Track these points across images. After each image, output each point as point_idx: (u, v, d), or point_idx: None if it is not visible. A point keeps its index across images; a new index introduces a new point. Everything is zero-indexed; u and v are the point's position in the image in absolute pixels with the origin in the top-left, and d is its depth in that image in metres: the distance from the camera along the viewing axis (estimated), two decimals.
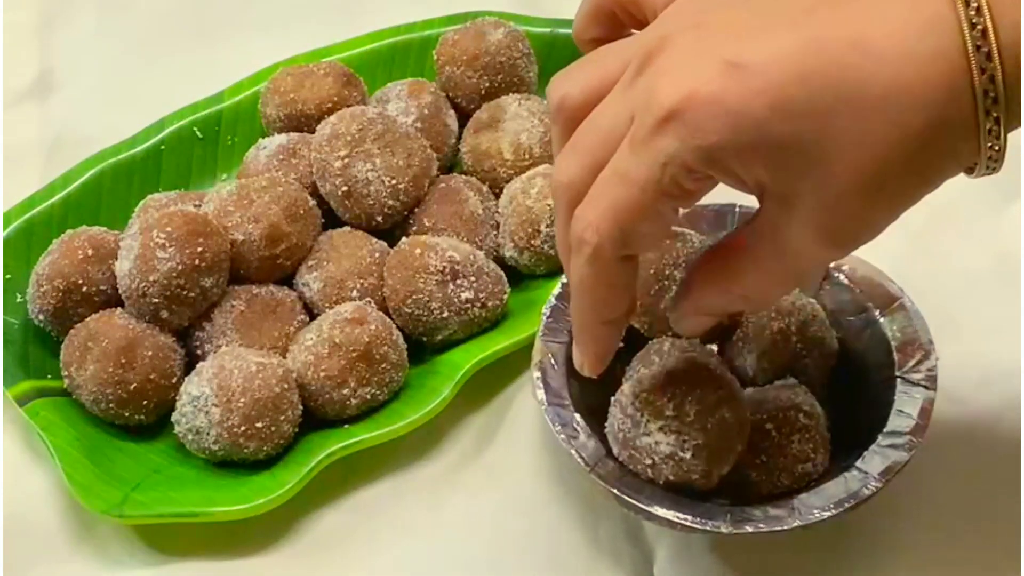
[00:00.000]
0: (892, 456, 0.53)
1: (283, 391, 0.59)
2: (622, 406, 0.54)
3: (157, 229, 0.60)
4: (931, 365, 0.56)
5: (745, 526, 0.52)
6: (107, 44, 0.84)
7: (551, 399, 0.56)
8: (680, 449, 0.52)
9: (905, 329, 0.57)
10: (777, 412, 0.54)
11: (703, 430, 0.52)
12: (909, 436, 0.53)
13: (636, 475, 0.54)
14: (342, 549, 0.59)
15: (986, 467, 0.59)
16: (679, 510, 0.52)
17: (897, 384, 0.55)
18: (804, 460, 0.54)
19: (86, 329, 0.62)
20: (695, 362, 0.53)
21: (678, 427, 0.52)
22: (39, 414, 0.61)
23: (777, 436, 0.54)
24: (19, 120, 0.79)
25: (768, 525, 0.52)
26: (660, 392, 0.52)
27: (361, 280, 0.64)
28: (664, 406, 0.52)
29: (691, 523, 0.52)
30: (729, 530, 0.51)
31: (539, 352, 0.58)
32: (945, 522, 0.57)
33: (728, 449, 0.53)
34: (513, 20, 0.75)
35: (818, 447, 0.55)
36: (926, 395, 0.55)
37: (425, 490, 0.60)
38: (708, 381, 0.52)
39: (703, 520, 0.52)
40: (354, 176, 0.65)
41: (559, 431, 0.55)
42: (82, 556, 0.59)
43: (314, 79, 0.70)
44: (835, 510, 0.52)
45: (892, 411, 0.54)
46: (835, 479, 0.53)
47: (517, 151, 0.69)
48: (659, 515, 0.52)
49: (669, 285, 0.58)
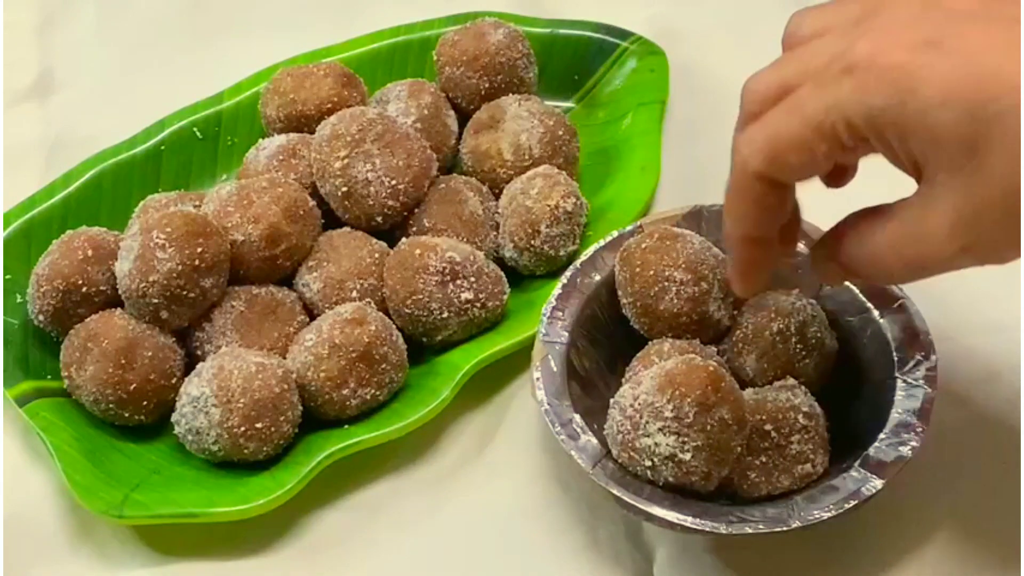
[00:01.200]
0: (892, 456, 0.53)
1: (283, 391, 0.59)
2: (621, 407, 0.54)
3: (157, 229, 0.60)
4: (931, 365, 0.56)
5: (744, 527, 0.52)
6: (107, 44, 0.84)
7: (551, 399, 0.56)
8: (679, 450, 0.52)
9: (906, 329, 0.57)
10: (776, 413, 0.54)
11: (702, 431, 0.52)
12: (909, 436, 0.53)
13: (636, 476, 0.54)
14: (342, 549, 0.59)
15: (986, 466, 0.59)
16: (678, 511, 0.52)
17: (897, 384, 0.55)
18: (804, 461, 0.54)
19: (86, 329, 0.62)
20: (694, 363, 0.53)
21: (677, 428, 0.52)
22: (39, 414, 0.61)
23: (776, 437, 0.54)
24: (19, 120, 0.79)
25: (767, 526, 0.52)
26: (659, 393, 0.52)
27: (361, 280, 0.64)
28: (663, 407, 0.52)
29: (690, 524, 0.52)
30: (728, 531, 0.51)
31: (539, 352, 0.58)
32: (946, 521, 0.57)
33: (727, 450, 0.53)
34: (513, 20, 0.75)
35: (818, 448, 0.55)
36: (926, 395, 0.55)
37: (425, 490, 0.60)
38: (709, 382, 0.52)
39: (702, 521, 0.52)
40: (354, 176, 0.65)
41: (559, 431, 0.55)
42: (82, 556, 0.59)
43: (314, 79, 0.70)
44: (835, 511, 0.52)
45: (892, 411, 0.54)
46: (835, 480, 0.53)
47: (517, 151, 0.69)
48: (658, 516, 0.52)
49: (669, 286, 0.58)
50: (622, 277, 0.60)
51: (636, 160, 0.71)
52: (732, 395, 0.53)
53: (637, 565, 0.57)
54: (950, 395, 0.57)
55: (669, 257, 0.58)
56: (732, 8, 0.83)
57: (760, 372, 0.58)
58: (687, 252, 0.59)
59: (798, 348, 0.57)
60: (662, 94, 0.74)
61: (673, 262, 0.58)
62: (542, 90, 0.74)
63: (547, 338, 0.58)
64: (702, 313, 0.59)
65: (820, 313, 0.58)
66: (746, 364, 0.58)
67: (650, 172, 0.70)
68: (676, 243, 0.59)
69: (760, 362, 0.58)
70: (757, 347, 0.58)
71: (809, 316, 0.58)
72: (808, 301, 0.59)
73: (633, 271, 0.59)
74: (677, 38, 0.78)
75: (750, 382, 0.58)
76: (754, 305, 0.59)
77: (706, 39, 0.80)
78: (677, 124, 0.74)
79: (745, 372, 0.58)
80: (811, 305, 0.58)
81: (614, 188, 0.70)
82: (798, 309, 0.58)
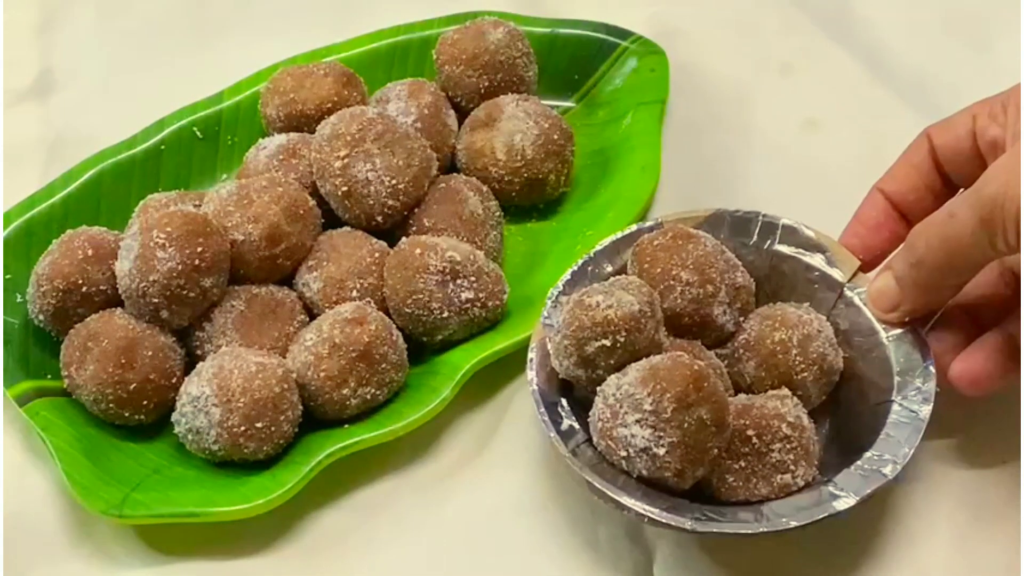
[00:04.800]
0: (871, 476, 0.53)
1: (283, 391, 0.59)
2: (604, 395, 0.54)
3: (157, 229, 0.60)
4: (928, 393, 0.55)
5: (711, 526, 0.52)
6: (107, 44, 0.84)
7: (540, 381, 0.56)
8: (654, 444, 0.52)
9: (910, 355, 0.57)
10: (760, 420, 0.54)
11: (679, 428, 0.51)
12: (891, 461, 0.53)
13: (612, 465, 0.54)
14: (342, 549, 0.59)
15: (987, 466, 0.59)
16: (648, 502, 0.52)
17: (892, 408, 0.55)
18: (783, 471, 0.54)
19: (86, 329, 0.62)
20: (680, 360, 0.53)
21: (654, 422, 0.52)
22: (39, 414, 0.61)
23: (758, 444, 0.54)
24: (19, 120, 0.79)
25: (733, 528, 0.52)
26: (641, 385, 0.52)
27: (361, 280, 0.64)
28: (643, 400, 0.52)
29: (657, 516, 0.52)
30: (693, 528, 0.51)
31: (537, 333, 0.58)
32: (948, 520, 0.57)
33: (703, 450, 0.52)
34: (513, 20, 0.75)
35: (799, 459, 0.54)
36: (916, 422, 0.55)
37: (425, 490, 0.60)
38: (691, 380, 0.52)
39: (669, 515, 0.52)
40: (354, 176, 0.65)
41: (543, 413, 0.55)
42: (82, 556, 0.59)
43: (314, 79, 0.70)
44: (803, 520, 0.52)
45: (882, 432, 0.54)
46: (812, 491, 0.53)
47: (510, 152, 0.69)
48: (627, 505, 0.52)
49: (675, 285, 0.58)
50: (632, 271, 0.60)
51: (636, 160, 0.71)
52: (714, 396, 0.52)
53: (637, 565, 0.57)
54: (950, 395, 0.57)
55: (679, 256, 0.58)
56: (732, 8, 0.83)
57: (758, 380, 0.58)
58: (697, 253, 0.58)
59: (798, 360, 0.57)
60: (662, 94, 0.74)
61: (682, 262, 0.58)
62: (542, 89, 0.74)
63: (547, 320, 0.58)
64: (705, 315, 0.59)
65: (827, 329, 0.58)
66: (745, 370, 0.58)
67: (650, 172, 0.70)
68: (688, 243, 0.59)
69: (759, 370, 0.58)
70: (757, 354, 0.58)
71: (814, 331, 0.58)
72: (817, 316, 0.58)
73: (642, 267, 0.59)
74: (677, 38, 0.78)
75: (747, 388, 0.58)
76: (761, 313, 0.59)
77: (706, 39, 0.80)
78: (677, 124, 0.74)
79: (743, 378, 0.58)
80: (819, 320, 0.58)
81: (614, 188, 0.70)
82: (804, 322, 0.58)
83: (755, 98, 0.77)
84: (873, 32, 0.80)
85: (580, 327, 0.54)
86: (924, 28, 0.80)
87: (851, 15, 0.81)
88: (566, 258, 0.63)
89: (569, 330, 0.54)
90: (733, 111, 0.76)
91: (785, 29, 0.81)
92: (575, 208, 0.71)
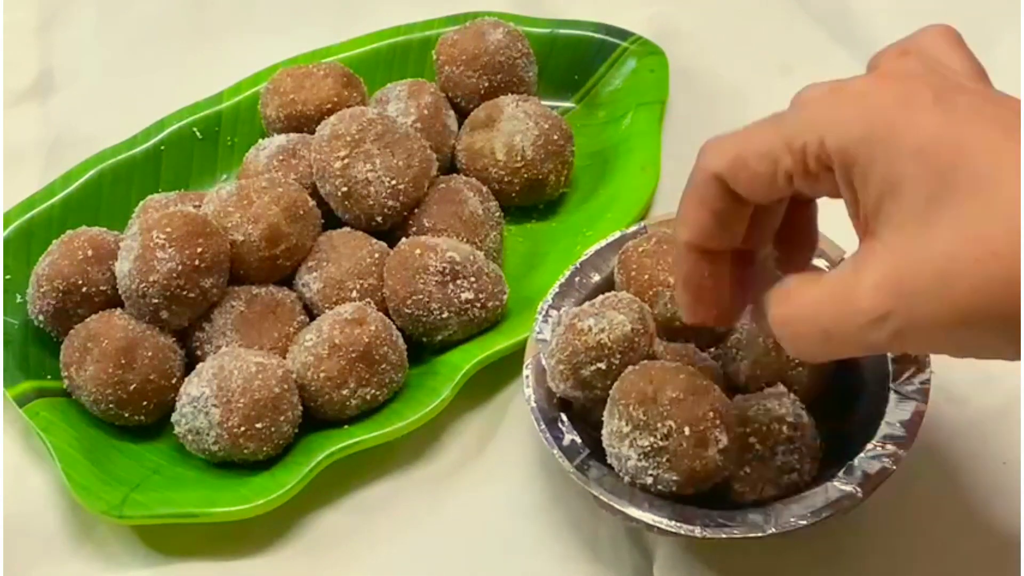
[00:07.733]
0: (875, 468, 0.53)
1: (283, 392, 0.59)
2: (608, 408, 0.54)
3: (157, 229, 0.60)
4: (924, 378, 0.55)
5: (720, 531, 0.51)
6: (107, 44, 0.84)
7: (539, 398, 0.56)
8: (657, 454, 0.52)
9: None
10: (760, 426, 0.54)
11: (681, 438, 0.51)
12: (895, 448, 0.53)
13: (618, 477, 0.54)
14: (342, 549, 0.59)
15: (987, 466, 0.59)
16: (654, 512, 0.52)
17: (890, 396, 0.55)
18: (789, 471, 0.54)
19: (86, 329, 0.62)
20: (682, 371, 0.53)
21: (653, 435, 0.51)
22: (39, 414, 0.61)
23: (761, 449, 0.54)
24: (19, 120, 0.79)
25: (743, 531, 0.51)
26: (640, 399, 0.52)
27: (361, 280, 0.64)
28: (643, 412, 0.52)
29: (665, 526, 0.52)
30: (703, 534, 0.51)
31: (531, 350, 0.58)
32: (948, 520, 0.57)
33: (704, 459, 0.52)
34: (513, 20, 0.75)
35: (804, 457, 0.54)
36: (916, 408, 0.55)
37: (425, 490, 0.60)
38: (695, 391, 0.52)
39: (677, 523, 0.52)
40: (354, 176, 0.65)
41: (543, 430, 0.55)
42: (82, 556, 0.59)
43: (314, 80, 0.70)
44: (812, 519, 0.52)
45: (882, 422, 0.54)
46: (818, 487, 0.53)
47: (510, 152, 0.69)
48: (634, 517, 0.52)
49: (663, 291, 0.58)
50: (619, 279, 0.60)
51: (636, 160, 0.71)
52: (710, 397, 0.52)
53: (637, 565, 0.57)
54: (950, 395, 0.57)
55: (665, 262, 0.58)
56: (732, 8, 0.83)
57: (753, 378, 0.57)
58: None
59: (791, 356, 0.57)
60: (662, 94, 0.74)
61: (668, 267, 0.58)
62: (542, 90, 0.74)
63: (540, 336, 0.58)
64: None
65: None
66: (739, 369, 0.58)
67: (650, 172, 0.70)
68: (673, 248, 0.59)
69: (753, 368, 0.57)
70: (751, 353, 0.58)
71: None
72: None
73: (629, 275, 0.59)
74: (677, 38, 0.78)
75: (742, 387, 0.58)
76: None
77: (706, 39, 0.80)
78: (677, 124, 0.74)
79: (738, 376, 0.58)
80: None
81: (614, 188, 0.70)
82: None
83: (755, 98, 0.76)
84: (873, 32, 0.80)
85: (574, 352, 0.54)
86: None
87: (851, 15, 0.81)
88: (566, 258, 0.63)
89: (563, 355, 0.55)
90: (733, 111, 0.75)
91: (785, 29, 0.81)
92: (575, 208, 0.71)
